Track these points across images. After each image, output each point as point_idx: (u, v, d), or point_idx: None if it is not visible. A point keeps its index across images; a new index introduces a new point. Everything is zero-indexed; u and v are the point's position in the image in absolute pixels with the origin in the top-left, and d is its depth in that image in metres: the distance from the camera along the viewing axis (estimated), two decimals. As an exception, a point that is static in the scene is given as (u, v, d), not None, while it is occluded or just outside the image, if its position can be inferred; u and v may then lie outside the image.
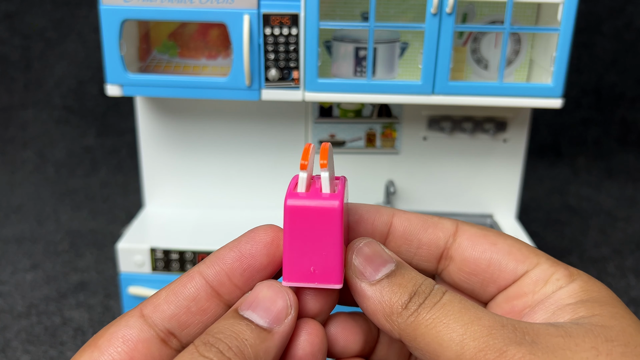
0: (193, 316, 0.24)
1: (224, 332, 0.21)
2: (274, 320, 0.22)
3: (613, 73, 1.60)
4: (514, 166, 0.99)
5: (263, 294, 0.23)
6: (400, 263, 0.25)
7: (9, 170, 1.56)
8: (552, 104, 0.81)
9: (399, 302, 0.23)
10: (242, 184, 1.00)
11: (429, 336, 0.22)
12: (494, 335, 0.21)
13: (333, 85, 0.80)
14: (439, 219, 0.28)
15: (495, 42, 0.88)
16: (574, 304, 0.24)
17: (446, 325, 0.22)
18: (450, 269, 0.28)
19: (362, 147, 0.98)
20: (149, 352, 0.23)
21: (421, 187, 1.00)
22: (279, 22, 0.77)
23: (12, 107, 1.60)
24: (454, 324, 0.22)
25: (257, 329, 0.22)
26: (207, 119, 0.96)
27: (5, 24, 1.56)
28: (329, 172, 0.25)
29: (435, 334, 0.22)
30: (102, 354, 0.22)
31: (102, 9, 0.77)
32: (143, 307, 0.24)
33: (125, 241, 0.87)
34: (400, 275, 0.24)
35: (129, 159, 1.58)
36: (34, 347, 0.94)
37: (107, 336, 0.23)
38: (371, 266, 0.25)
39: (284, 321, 0.23)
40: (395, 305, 0.24)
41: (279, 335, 0.22)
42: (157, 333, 0.23)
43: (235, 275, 0.24)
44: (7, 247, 1.23)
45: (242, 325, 0.22)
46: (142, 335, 0.23)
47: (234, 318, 0.22)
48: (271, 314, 0.23)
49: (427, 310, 0.23)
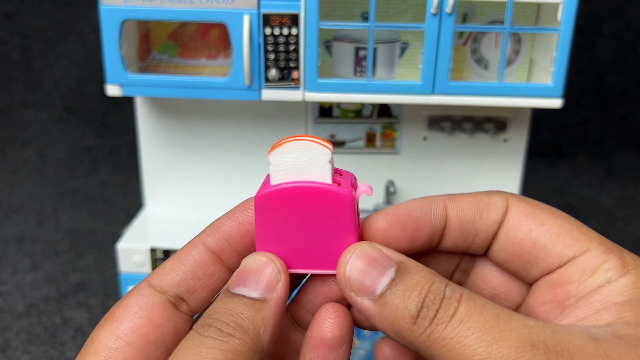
0: (199, 280, 0.25)
1: (219, 311, 0.22)
2: (266, 289, 0.23)
3: (613, 73, 1.60)
4: (514, 166, 0.99)
5: (249, 267, 0.24)
6: (401, 264, 0.22)
7: (9, 170, 1.55)
8: (552, 104, 0.81)
9: (406, 317, 0.21)
10: (242, 184, 1.00)
11: (448, 358, 0.20)
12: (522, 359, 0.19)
13: (333, 85, 0.80)
14: (488, 197, 0.26)
15: (495, 42, 0.88)
16: (622, 304, 0.21)
17: (467, 347, 0.19)
18: (494, 248, 0.26)
19: (362, 147, 0.98)
20: (165, 314, 0.24)
21: (421, 187, 1.00)
22: (279, 22, 0.77)
23: (12, 107, 1.60)
24: (476, 345, 0.19)
25: (251, 301, 0.22)
26: (207, 119, 0.96)
27: (5, 24, 1.56)
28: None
29: (454, 357, 0.20)
30: (120, 324, 0.23)
31: (102, 9, 0.77)
32: (150, 279, 0.25)
33: (125, 241, 0.87)
34: (403, 283, 0.22)
35: (129, 159, 1.58)
36: (34, 347, 0.94)
37: (122, 308, 0.24)
38: (369, 279, 0.22)
39: (276, 287, 0.23)
40: (404, 321, 0.21)
41: (274, 302, 0.23)
42: (168, 299, 0.24)
43: (234, 241, 0.25)
44: (7, 247, 1.23)
45: (235, 302, 0.22)
46: (156, 300, 0.24)
47: (227, 297, 0.23)
48: (261, 284, 0.23)
49: (443, 326, 0.20)
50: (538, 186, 1.51)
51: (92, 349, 0.23)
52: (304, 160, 0.23)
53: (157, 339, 0.23)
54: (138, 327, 0.23)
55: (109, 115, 1.61)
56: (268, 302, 0.23)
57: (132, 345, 0.23)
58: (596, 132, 1.63)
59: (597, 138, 1.63)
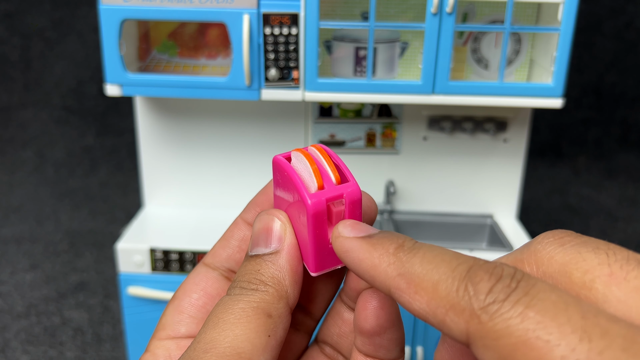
0: (245, 252, 0.28)
1: (241, 274, 0.25)
2: (277, 242, 0.25)
3: (613, 73, 1.59)
4: (514, 166, 0.99)
5: (257, 227, 0.26)
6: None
7: (8, 170, 1.55)
8: (552, 103, 0.81)
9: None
10: (242, 184, 1.00)
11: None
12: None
13: (333, 85, 0.80)
14: (443, 317, 0.19)
15: (495, 42, 0.88)
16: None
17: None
18: None
19: (362, 147, 0.98)
20: (219, 286, 0.27)
21: (421, 187, 1.00)
22: (279, 21, 0.77)
23: (12, 107, 1.60)
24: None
25: (266, 256, 0.25)
26: (207, 119, 0.96)
27: (5, 23, 1.56)
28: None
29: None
30: (182, 300, 0.27)
31: (102, 8, 0.77)
32: (204, 259, 0.28)
33: (125, 241, 0.87)
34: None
35: (128, 159, 1.58)
36: (34, 347, 0.94)
37: (182, 288, 0.27)
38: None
39: (284, 237, 0.25)
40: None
41: (286, 251, 0.25)
42: (221, 273, 0.28)
43: None
44: (6, 247, 1.23)
45: (252, 262, 0.25)
46: (210, 275, 0.28)
47: (246, 261, 0.25)
48: (270, 239, 0.25)
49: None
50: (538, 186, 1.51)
51: (160, 326, 0.26)
52: (303, 172, 0.25)
53: None
54: (196, 300, 0.27)
55: (109, 115, 1.60)
56: (281, 252, 0.25)
57: (193, 316, 0.27)
58: (596, 132, 1.63)
59: (597, 138, 1.63)
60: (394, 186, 0.98)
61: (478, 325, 0.17)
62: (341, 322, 0.28)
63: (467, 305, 0.17)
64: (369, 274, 0.21)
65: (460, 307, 0.17)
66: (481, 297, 0.17)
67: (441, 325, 0.18)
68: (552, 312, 0.16)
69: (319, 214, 0.25)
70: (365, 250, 0.21)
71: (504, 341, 0.16)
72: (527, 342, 0.16)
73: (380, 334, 0.25)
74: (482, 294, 0.17)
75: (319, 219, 0.25)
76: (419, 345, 0.91)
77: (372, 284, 0.21)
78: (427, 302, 0.18)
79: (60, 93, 1.60)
